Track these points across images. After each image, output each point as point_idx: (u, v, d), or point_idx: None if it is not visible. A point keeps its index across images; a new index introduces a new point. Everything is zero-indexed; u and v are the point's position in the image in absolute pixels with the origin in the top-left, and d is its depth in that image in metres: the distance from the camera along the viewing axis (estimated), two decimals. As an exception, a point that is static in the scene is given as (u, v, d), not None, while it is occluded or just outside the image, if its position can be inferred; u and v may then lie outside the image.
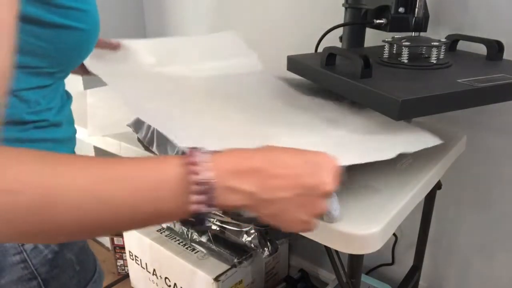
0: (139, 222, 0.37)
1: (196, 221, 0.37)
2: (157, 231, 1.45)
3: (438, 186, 1.05)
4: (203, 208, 0.36)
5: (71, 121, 0.64)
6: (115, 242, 1.77)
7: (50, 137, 0.57)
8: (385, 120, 0.72)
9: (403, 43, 0.84)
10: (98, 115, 1.13)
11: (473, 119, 1.07)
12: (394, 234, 1.28)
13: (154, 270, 1.45)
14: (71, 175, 0.34)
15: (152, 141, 0.84)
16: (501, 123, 1.03)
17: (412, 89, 0.70)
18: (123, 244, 1.63)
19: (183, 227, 1.34)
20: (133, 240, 1.50)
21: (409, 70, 0.81)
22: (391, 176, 0.76)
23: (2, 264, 0.54)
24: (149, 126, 0.84)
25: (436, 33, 1.01)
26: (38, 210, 0.32)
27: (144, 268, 1.50)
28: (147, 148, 0.88)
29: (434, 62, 0.83)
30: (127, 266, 1.70)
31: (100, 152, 1.81)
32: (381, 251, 0.64)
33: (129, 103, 0.69)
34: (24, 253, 0.55)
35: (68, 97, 0.64)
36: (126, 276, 1.77)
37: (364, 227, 0.62)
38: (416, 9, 0.88)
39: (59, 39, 0.51)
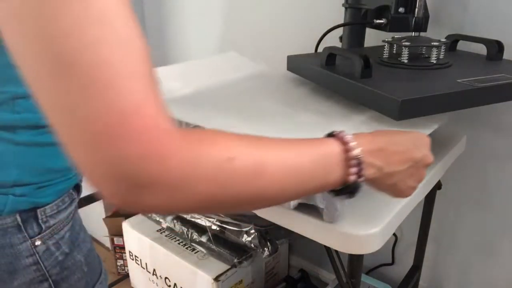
0: (311, 190, 0.43)
1: (352, 190, 0.44)
2: (157, 231, 1.45)
3: (438, 186, 1.05)
4: (357, 179, 0.44)
5: None
6: (115, 242, 1.77)
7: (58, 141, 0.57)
8: (385, 120, 0.72)
9: (403, 43, 0.84)
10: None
11: (473, 119, 1.07)
12: (394, 234, 1.28)
13: (154, 270, 1.45)
14: (276, 148, 0.39)
15: None
16: (501, 123, 1.03)
17: (412, 89, 0.70)
18: (123, 244, 1.63)
19: (183, 227, 1.34)
20: (133, 240, 1.50)
21: (409, 70, 0.81)
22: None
23: (15, 266, 0.54)
24: None
25: (437, 33, 1.00)
26: (250, 177, 0.36)
27: (144, 268, 1.50)
28: None
29: (434, 62, 0.83)
30: (127, 266, 1.70)
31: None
32: (381, 251, 0.64)
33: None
34: (37, 255, 0.56)
35: None
36: (126, 276, 1.77)
37: (364, 227, 0.62)
38: (416, 9, 0.88)
39: None
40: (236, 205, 0.37)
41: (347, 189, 0.44)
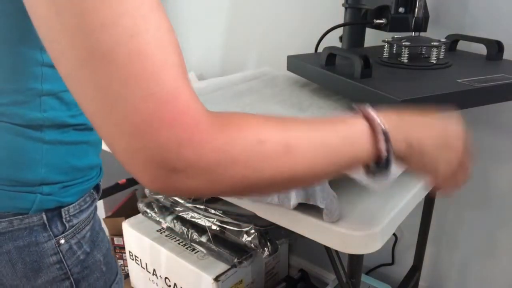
0: (341, 167, 0.42)
1: (385, 163, 0.43)
2: (157, 231, 1.44)
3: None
4: (387, 153, 0.42)
5: None
6: (115, 242, 1.77)
7: (86, 139, 0.58)
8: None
9: (403, 43, 0.84)
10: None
11: (473, 119, 1.07)
12: (394, 234, 1.28)
13: (154, 270, 1.45)
14: (302, 127, 0.39)
15: None
16: (501, 123, 1.03)
17: (412, 89, 0.69)
18: (123, 244, 1.63)
19: (183, 227, 1.34)
20: (133, 240, 1.50)
21: (409, 70, 0.81)
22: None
23: (40, 264, 0.55)
24: None
25: (437, 33, 1.00)
26: (281, 157, 0.36)
27: (144, 268, 1.50)
28: None
29: (434, 62, 0.83)
30: (127, 266, 1.70)
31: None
32: (381, 251, 0.64)
33: None
34: (60, 253, 0.56)
35: None
36: (126, 276, 1.76)
37: (364, 227, 0.62)
38: (416, 9, 0.88)
39: None
40: (268, 186, 0.38)
41: (379, 166, 0.43)
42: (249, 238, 1.17)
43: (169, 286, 1.40)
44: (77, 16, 0.30)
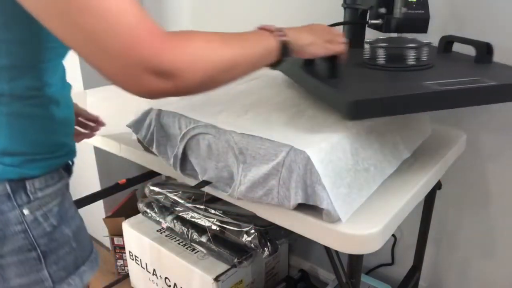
0: (263, 54, 0.61)
1: (284, 51, 0.63)
2: (157, 231, 1.45)
3: (438, 186, 1.06)
4: (284, 39, 0.63)
5: (70, 105, 0.68)
6: (115, 242, 1.77)
7: (50, 115, 0.62)
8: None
9: (379, 45, 0.83)
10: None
11: (473, 119, 1.07)
12: (393, 235, 1.28)
13: (154, 270, 1.45)
14: (232, 35, 0.58)
15: (152, 141, 0.84)
16: (501, 123, 1.03)
17: (370, 90, 0.68)
18: (123, 244, 1.63)
19: (183, 227, 1.34)
20: (133, 240, 1.50)
21: (385, 72, 0.80)
22: (391, 176, 0.76)
23: (5, 232, 0.58)
24: (148, 127, 0.84)
25: (444, 32, 1.00)
26: (223, 47, 0.54)
27: (144, 268, 1.50)
28: (146, 148, 0.88)
29: (413, 63, 0.82)
30: (127, 266, 1.70)
31: (100, 152, 1.81)
32: (381, 251, 0.64)
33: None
34: (25, 223, 0.59)
35: (68, 84, 0.68)
36: (126, 276, 1.77)
37: (363, 227, 0.62)
38: (394, 10, 0.87)
39: None
40: (222, 73, 0.54)
41: (281, 51, 0.63)
42: (249, 238, 1.17)
43: (169, 286, 1.40)
44: None
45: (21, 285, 0.60)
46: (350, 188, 0.65)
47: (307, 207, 0.66)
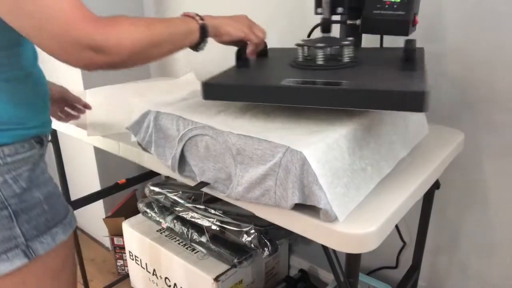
0: (184, 35, 0.73)
1: (203, 32, 0.76)
2: (157, 231, 1.45)
3: (436, 185, 1.06)
4: (203, 22, 0.76)
5: (41, 81, 0.79)
6: (115, 242, 1.78)
7: (16, 90, 0.70)
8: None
9: (298, 43, 0.86)
10: (97, 115, 1.14)
11: (471, 118, 1.07)
12: (402, 240, 1.27)
13: (154, 270, 1.45)
14: (159, 20, 0.70)
15: (150, 143, 0.85)
16: (500, 122, 1.03)
17: (235, 78, 0.81)
18: (123, 244, 1.64)
19: (183, 227, 1.34)
20: (133, 240, 1.50)
21: (295, 69, 0.83)
22: (388, 176, 0.76)
23: None
24: (147, 129, 0.85)
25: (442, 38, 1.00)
26: (148, 28, 0.65)
27: (144, 268, 1.50)
28: (145, 149, 0.89)
29: (321, 63, 0.82)
30: (127, 266, 1.70)
31: (100, 152, 1.81)
32: (385, 255, 0.64)
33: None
34: None
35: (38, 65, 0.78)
36: (126, 276, 1.77)
37: (360, 227, 0.62)
38: (323, 10, 0.88)
39: None
40: (148, 48, 0.65)
41: (200, 32, 0.75)
42: (249, 238, 1.17)
43: (169, 286, 1.40)
44: None
45: None
46: (347, 188, 0.65)
47: (306, 207, 0.66)
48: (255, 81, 0.78)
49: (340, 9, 0.88)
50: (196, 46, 0.77)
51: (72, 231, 0.80)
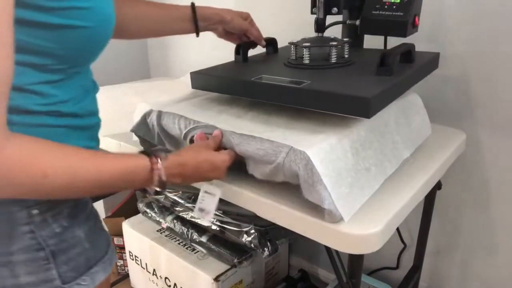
0: (122, 189, 0.62)
1: (156, 191, 0.63)
2: (157, 231, 1.45)
3: (438, 186, 1.05)
4: (157, 186, 0.62)
5: (93, 112, 0.67)
6: (115, 242, 1.77)
7: (64, 124, 0.60)
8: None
9: (291, 43, 0.87)
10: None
11: (473, 119, 1.07)
12: (403, 242, 1.27)
13: (154, 270, 1.45)
14: (84, 165, 0.54)
15: (162, 141, 0.85)
16: (501, 123, 1.03)
17: (221, 72, 0.85)
18: (123, 244, 1.63)
19: (183, 227, 1.34)
20: (133, 240, 1.50)
21: (285, 67, 0.86)
22: (391, 176, 0.76)
23: (13, 232, 0.58)
24: (153, 129, 0.85)
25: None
26: (63, 187, 0.52)
27: (144, 268, 1.50)
28: (152, 146, 0.89)
29: (307, 62, 0.84)
30: (127, 266, 1.70)
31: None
32: (386, 255, 0.64)
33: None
34: (32, 224, 0.59)
35: (93, 88, 0.67)
36: (126, 276, 1.76)
37: (363, 227, 0.62)
38: (317, 10, 0.88)
39: (64, 39, 0.53)
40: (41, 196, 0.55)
41: (151, 190, 0.63)
42: (249, 238, 1.17)
43: (169, 286, 1.40)
44: None
45: (29, 283, 0.60)
46: (351, 188, 0.65)
47: (307, 207, 0.66)
48: (236, 75, 0.80)
49: (334, 10, 0.88)
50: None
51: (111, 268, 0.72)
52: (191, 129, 0.77)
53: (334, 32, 1.03)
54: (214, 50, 1.53)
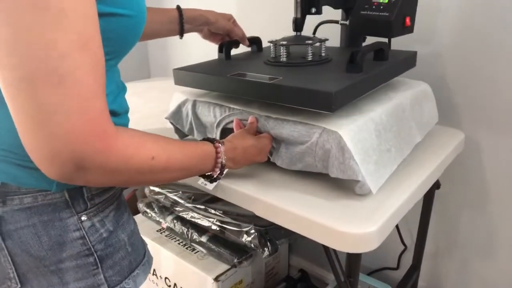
0: (191, 175, 0.66)
1: (215, 178, 0.71)
2: (157, 231, 1.45)
3: (436, 185, 1.06)
4: (219, 174, 0.69)
5: (126, 110, 0.68)
6: (116, 242, 1.77)
7: None
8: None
9: (270, 40, 0.90)
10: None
11: (472, 118, 1.07)
12: (403, 244, 1.27)
13: (154, 270, 1.45)
14: (176, 149, 0.59)
15: (192, 130, 0.90)
16: (500, 122, 1.03)
17: (200, 69, 0.88)
18: (124, 244, 1.63)
19: (183, 227, 1.34)
20: (133, 240, 1.50)
21: (265, 65, 0.89)
22: (389, 175, 0.76)
23: (64, 238, 0.59)
24: (186, 118, 0.90)
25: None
26: (161, 169, 0.56)
27: (144, 268, 1.50)
28: (184, 135, 0.95)
29: (284, 60, 0.87)
30: (127, 266, 1.70)
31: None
32: (386, 256, 0.64)
33: None
34: (83, 230, 0.60)
35: (123, 87, 0.67)
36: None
37: (361, 226, 0.63)
38: (295, 10, 0.89)
39: (109, 27, 0.52)
40: (142, 184, 0.61)
41: (212, 177, 0.71)
42: (249, 238, 1.17)
43: (169, 286, 1.40)
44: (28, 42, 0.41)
45: None
46: (376, 165, 0.71)
47: (306, 207, 0.66)
48: (214, 72, 0.84)
49: (313, 9, 0.89)
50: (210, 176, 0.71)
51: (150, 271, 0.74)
52: (226, 116, 0.81)
53: (334, 32, 1.03)
54: (214, 50, 1.53)
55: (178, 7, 0.95)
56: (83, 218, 0.60)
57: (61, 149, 0.44)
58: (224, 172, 0.70)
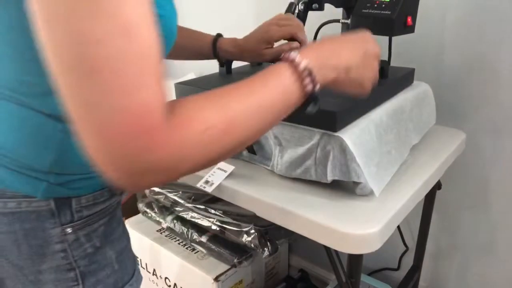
0: (279, 117, 0.48)
1: (312, 99, 0.49)
2: (157, 231, 1.45)
3: (438, 186, 1.05)
4: (314, 87, 0.48)
5: None
6: (115, 242, 1.77)
7: None
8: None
9: None
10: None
11: (473, 119, 1.07)
12: (405, 245, 1.27)
13: (154, 270, 1.45)
14: (238, 98, 0.44)
15: None
16: (501, 123, 1.03)
17: (201, 83, 0.92)
18: (123, 244, 1.63)
19: (183, 227, 1.34)
20: (133, 240, 1.49)
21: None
22: (390, 177, 0.76)
23: (45, 250, 0.55)
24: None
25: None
26: (224, 137, 0.42)
27: (144, 268, 1.50)
28: None
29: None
30: (127, 266, 1.70)
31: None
32: (387, 257, 0.64)
33: None
34: (66, 243, 0.56)
35: None
36: (126, 276, 1.76)
37: (362, 227, 0.62)
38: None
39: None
40: (217, 161, 0.44)
41: (309, 99, 0.50)
42: (249, 238, 1.17)
43: (169, 286, 1.40)
44: (67, 32, 0.35)
45: None
46: (378, 167, 0.71)
47: (306, 206, 0.66)
48: (215, 87, 0.81)
49: (315, 5, 0.89)
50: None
51: None
52: None
53: (335, 31, 1.03)
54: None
55: (214, 40, 0.95)
56: (68, 230, 0.56)
57: (112, 152, 0.38)
58: (318, 87, 0.49)
